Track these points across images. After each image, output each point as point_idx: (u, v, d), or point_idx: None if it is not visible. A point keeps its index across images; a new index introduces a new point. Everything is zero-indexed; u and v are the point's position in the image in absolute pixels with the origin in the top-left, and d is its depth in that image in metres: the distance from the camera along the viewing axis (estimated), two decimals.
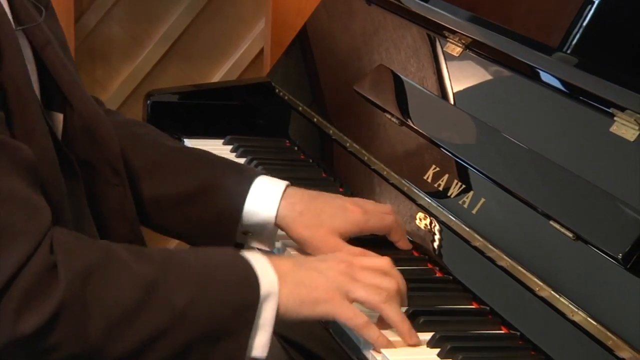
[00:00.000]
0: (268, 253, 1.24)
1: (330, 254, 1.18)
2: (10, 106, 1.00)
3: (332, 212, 1.28)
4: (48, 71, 1.13)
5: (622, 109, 1.16)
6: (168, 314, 1.00)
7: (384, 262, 1.14)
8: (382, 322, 1.12)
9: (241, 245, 1.32)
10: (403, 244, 1.33)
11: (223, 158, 1.38)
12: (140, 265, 1.01)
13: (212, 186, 1.28)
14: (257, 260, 1.07)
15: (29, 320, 0.94)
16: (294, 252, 1.32)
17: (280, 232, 1.31)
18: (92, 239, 1.04)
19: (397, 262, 1.33)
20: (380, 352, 1.09)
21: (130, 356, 1.00)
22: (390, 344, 1.09)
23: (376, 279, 1.10)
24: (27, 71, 1.05)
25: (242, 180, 1.28)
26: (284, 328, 1.21)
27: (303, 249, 1.29)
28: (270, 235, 1.30)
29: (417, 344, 1.10)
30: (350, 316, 1.08)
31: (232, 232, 1.28)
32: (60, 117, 1.15)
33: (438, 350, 1.10)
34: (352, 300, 1.09)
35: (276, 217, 1.27)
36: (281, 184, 1.29)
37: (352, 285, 1.09)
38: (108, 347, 0.98)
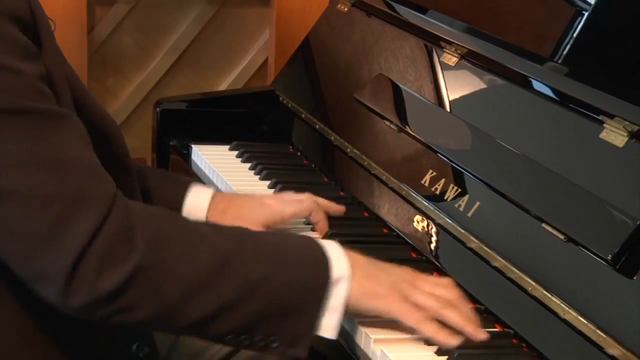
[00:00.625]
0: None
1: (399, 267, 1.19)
2: (54, 89, 1.02)
3: (251, 207, 1.31)
4: None
5: (611, 116, 1.16)
6: (241, 286, 1.00)
7: (446, 280, 1.15)
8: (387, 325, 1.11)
9: None
10: (321, 226, 1.35)
11: (158, 169, 1.44)
12: (219, 238, 1.03)
13: (153, 193, 1.31)
14: (332, 246, 1.09)
15: (109, 278, 0.95)
16: None
17: None
18: (169, 212, 1.06)
19: (395, 262, 1.33)
20: (386, 355, 1.09)
21: (203, 322, 1.01)
22: (453, 339, 1.08)
23: (436, 289, 1.11)
24: (61, 61, 1.07)
25: (178, 188, 1.32)
26: None
27: None
28: None
29: (487, 338, 1.09)
30: (408, 314, 1.08)
31: None
32: None
33: (436, 347, 1.10)
34: (412, 303, 1.09)
35: (206, 218, 1.30)
36: (209, 191, 1.33)
37: (412, 290, 1.09)
38: (182, 312, 0.99)
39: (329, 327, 1.05)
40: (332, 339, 1.05)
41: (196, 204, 1.31)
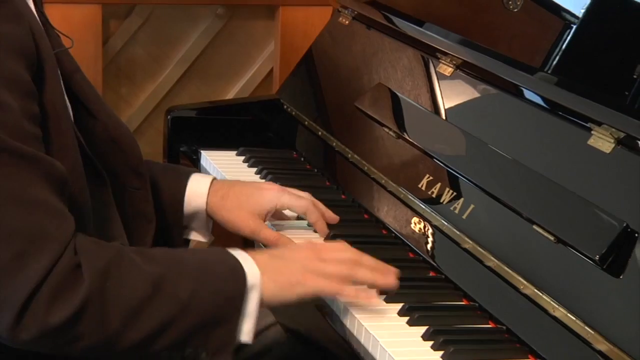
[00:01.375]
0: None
1: (294, 244, 1.22)
2: (49, 125, 1.02)
3: (249, 193, 1.31)
4: (74, 92, 1.14)
5: (599, 124, 1.16)
6: (174, 304, 1.01)
7: (340, 244, 1.18)
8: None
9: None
10: (321, 226, 1.34)
11: (158, 162, 1.43)
12: (148, 264, 1.03)
13: (154, 184, 1.30)
14: (241, 255, 1.09)
15: (59, 313, 0.95)
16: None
17: None
18: (105, 242, 1.05)
19: (393, 263, 1.33)
20: (379, 345, 1.09)
21: (141, 344, 1.01)
22: (371, 296, 1.12)
23: (338, 254, 1.14)
24: (63, 94, 1.06)
25: (179, 178, 1.32)
26: (285, 318, 1.23)
27: (227, 229, 1.32)
28: (203, 225, 1.34)
29: (397, 284, 1.14)
30: (324, 285, 1.11)
31: (178, 223, 1.32)
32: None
33: (432, 342, 1.10)
34: (324, 276, 1.11)
35: (206, 204, 1.31)
36: (209, 178, 1.33)
37: (321, 264, 1.12)
38: (124, 336, 0.99)
39: (247, 331, 1.06)
40: (249, 343, 1.07)
41: (197, 190, 1.31)
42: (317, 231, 1.35)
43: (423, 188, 1.38)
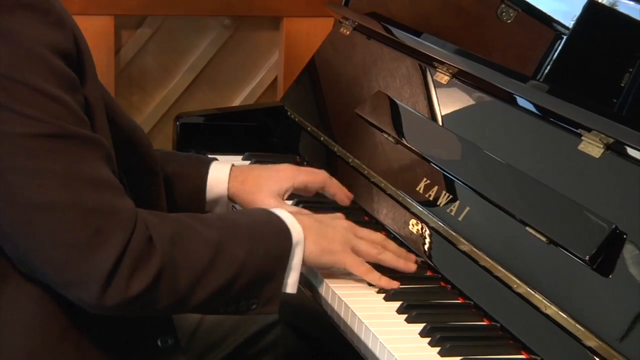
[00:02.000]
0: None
1: (335, 214, 1.26)
2: (91, 116, 1.04)
3: (267, 175, 1.34)
4: None
5: (589, 130, 1.16)
6: (233, 265, 1.07)
7: (369, 231, 1.23)
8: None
9: None
10: (340, 196, 1.38)
11: (181, 153, 1.46)
12: (206, 230, 1.07)
13: (177, 175, 1.34)
14: (286, 216, 1.15)
15: (138, 283, 0.99)
16: None
17: None
18: (162, 212, 1.11)
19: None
20: (378, 341, 1.09)
21: (207, 301, 1.06)
22: (391, 283, 1.18)
23: (370, 235, 1.22)
24: (99, 90, 1.09)
25: (201, 167, 1.36)
26: (289, 316, 1.24)
27: None
28: (224, 208, 1.36)
29: (415, 269, 1.24)
30: (354, 265, 1.18)
31: (201, 206, 1.35)
32: None
33: (429, 339, 1.10)
34: (356, 252, 1.19)
35: (227, 189, 1.34)
36: (228, 165, 1.36)
37: (356, 240, 1.19)
38: (193, 297, 1.04)
39: (291, 284, 1.13)
40: (293, 293, 1.13)
41: (218, 177, 1.35)
42: (338, 202, 1.38)
43: (420, 191, 1.38)
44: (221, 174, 1.34)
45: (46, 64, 0.97)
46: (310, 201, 1.44)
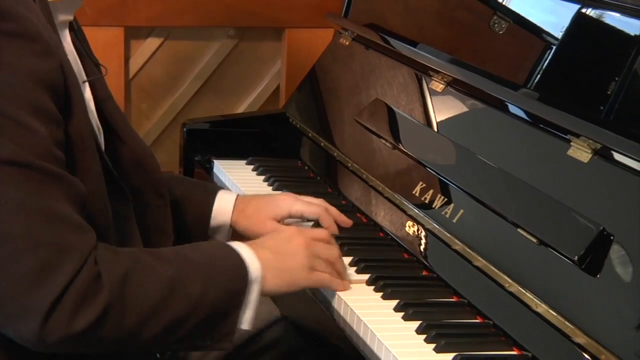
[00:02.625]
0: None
1: (284, 229, 1.22)
2: (74, 149, 1.01)
3: (265, 201, 1.34)
4: (105, 117, 1.13)
5: (577, 136, 1.16)
6: (187, 302, 1.01)
7: (323, 233, 1.22)
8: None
9: None
10: (332, 229, 1.35)
11: (190, 179, 1.45)
12: (161, 265, 1.02)
13: (184, 200, 1.32)
14: (244, 250, 1.10)
15: (82, 319, 0.94)
16: None
17: None
18: (122, 248, 1.04)
19: (389, 263, 1.33)
20: (376, 336, 1.09)
21: (157, 340, 1.01)
22: (347, 286, 1.19)
23: (327, 252, 1.18)
24: (89, 123, 1.05)
25: (208, 194, 1.34)
26: (291, 313, 1.23)
27: (247, 236, 1.32)
28: (225, 237, 1.35)
29: (348, 287, 1.20)
30: (321, 281, 1.17)
31: (204, 233, 1.33)
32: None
33: (425, 336, 1.10)
34: (319, 271, 1.16)
35: (230, 219, 1.33)
36: (233, 195, 1.35)
37: (315, 261, 1.16)
38: (141, 335, 0.99)
39: (247, 320, 1.07)
40: (248, 330, 1.08)
41: (223, 206, 1.33)
42: (334, 230, 1.35)
43: (417, 194, 1.38)
44: (227, 203, 1.33)
45: (26, 92, 0.93)
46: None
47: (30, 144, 0.93)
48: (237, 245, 1.11)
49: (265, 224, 1.30)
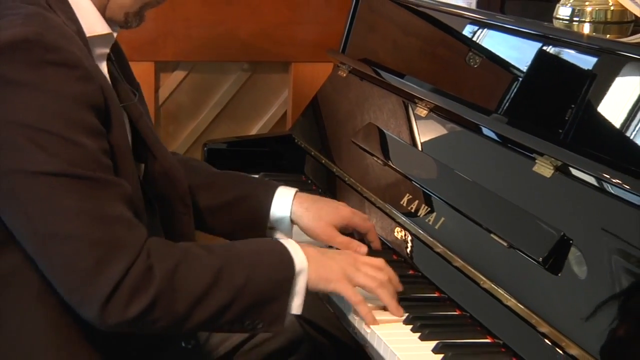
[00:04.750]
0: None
1: (342, 250, 1.18)
2: (115, 159, 1.02)
3: (328, 210, 1.29)
4: (139, 135, 1.14)
5: (541, 154, 1.16)
6: (231, 290, 1.00)
7: (379, 261, 1.14)
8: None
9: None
10: (376, 244, 1.33)
11: (252, 177, 1.40)
12: (209, 257, 1.01)
13: (246, 196, 1.29)
14: (291, 245, 1.08)
15: (134, 307, 0.95)
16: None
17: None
18: (174, 242, 1.04)
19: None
20: (369, 327, 1.09)
21: (206, 322, 1.01)
22: (375, 321, 1.09)
23: (372, 272, 1.11)
24: (126, 136, 1.06)
25: (268, 189, 1.31)
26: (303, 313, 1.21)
27: (308, 235, 1.29)
28: (287, 228, 1.31)
29: (402, 315, 1.11)
30: (350, 294, 1.09)
31: (263, 227, 1.29)
32: (141, 166, 1.15)
33: (411, 326, 1.10)
34: (355, 285, 1.10)
35: (290, 212, 1.28)
36: (292, 190, 1.31)
37: (355, 273, 1.10)
38: (190, 319, 0.99)
39: (296, 306, 1.05)
40: (298, 314, 1.06)
41: (282, 201, 1.29)
42: (373, 248, 1.32)
43: (404, 204, 1.38)
44: (286, 198, 1.29)
45: (71, 114, 0.94)
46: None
47: (79, 157, 0.94)
48: (285, 240, 1.09)
49: (325, 230, 1.26)
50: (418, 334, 1.08)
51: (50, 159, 0.93)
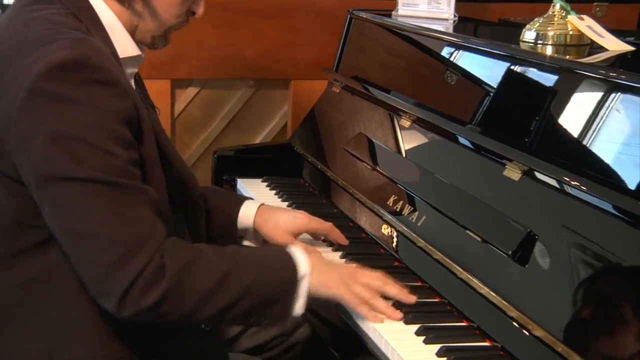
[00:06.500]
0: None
1: (345, 264, 1.16)
2: (146, 168, 1.02)
3: (286, 219, 1.28)
4: (160, 146, 1.12)
5: (510, 160, 1.17)
6: (238, 290, 0.99)
7: (377, 274, 1.12)
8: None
9: None
10: (341, 241, 1.31)
11: (227, 191, 1.39)
12: (218, 259, 1.00)
13: (220, 207, 1.29)
14: (298, 252, 1.06)
15: (147, 299, 0.95)
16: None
17: None
18: (188, 244, 1.04)
19: (370, 257, 1.32)
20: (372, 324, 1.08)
21: (213, 317, 1.00)
22: (377, 319, 1.08)
23: (369, 280, 1.10)
24: (155, 148, 1.06)
25: (237, 203, 1.30)
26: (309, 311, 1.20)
27: (269, 242, 1.28)
28: (252, 237, 1.30)
29: (399, 319, 1.09)
30: (349, 299, 1.08)
31: (234, 235, 1.29)
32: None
33: (411, 322, 1.09)
34: (352, 292, 1.08)
35: (253, 223, 1.28)
36: (257, 204, 1.31)
37: (353, 283, 1.09)
38: (198, 313, 0.98)
39: (299, 307, 1.04)
40: (299, 315, 1.04)
41: (246, 213, 1.29)
42: (339, 243, 1.32)
43: (390, 204, 1.39)
44: (250, 211, 1.28)
45: (109, 127, 0.94)
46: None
47: (111, 165, 0.94)
48: (293, 248, 1.07)
49: (283, 238, 1.26)
50: (404, 320, 1.07)
51: (86, 166, 0.93)
